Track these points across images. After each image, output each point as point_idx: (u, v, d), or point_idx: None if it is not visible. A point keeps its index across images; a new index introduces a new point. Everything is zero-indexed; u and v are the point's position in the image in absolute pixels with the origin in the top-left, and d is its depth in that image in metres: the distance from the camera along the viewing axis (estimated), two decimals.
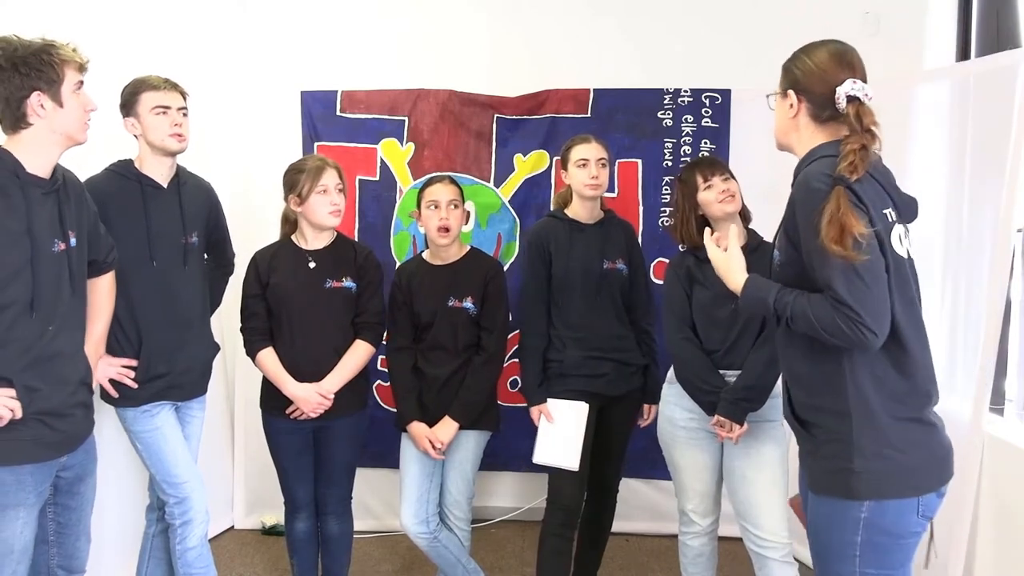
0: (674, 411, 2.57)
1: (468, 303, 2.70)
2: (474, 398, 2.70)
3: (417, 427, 2.68)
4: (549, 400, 2.71)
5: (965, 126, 2.71)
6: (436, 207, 2.68)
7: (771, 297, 1.71)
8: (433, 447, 2.66)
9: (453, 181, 2.77)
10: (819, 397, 1.71)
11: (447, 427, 2.67)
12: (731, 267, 1.86)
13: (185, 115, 2.46)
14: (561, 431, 2.68)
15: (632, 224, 2.98)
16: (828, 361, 1.68)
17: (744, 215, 2.56)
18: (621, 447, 2.83)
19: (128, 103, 2.42)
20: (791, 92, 1.77)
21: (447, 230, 2.68)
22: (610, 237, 2.78)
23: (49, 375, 1.98)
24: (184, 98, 2.47)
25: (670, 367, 2.62)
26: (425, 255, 2.82)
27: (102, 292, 2.30)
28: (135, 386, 2.40)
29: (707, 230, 1.95)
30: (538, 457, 2.71)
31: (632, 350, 2.77)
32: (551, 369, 2.73)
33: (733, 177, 2.52)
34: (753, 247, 2.48)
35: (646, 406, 2.86)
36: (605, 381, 2.70)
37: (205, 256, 2.69)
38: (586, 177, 2.71)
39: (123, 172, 2.44)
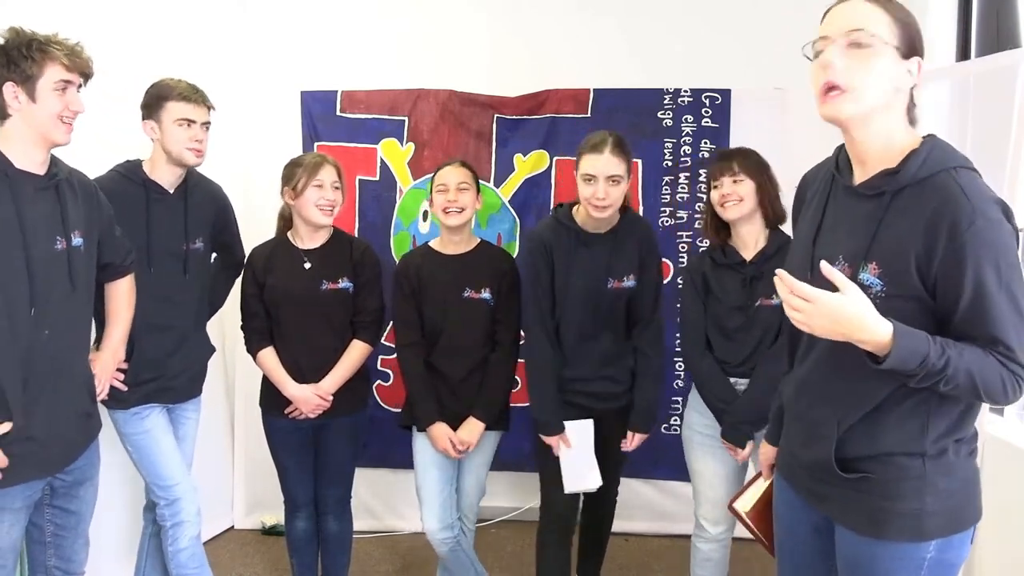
0: (692, 416, 2.54)
1: (486, 294, 2.63)
2: (497, 395, 2.65)
3: (440, 428, 2.60)
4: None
5: (965, 126, 2.71)
6: (445, 190, 2.60)
7: (931, 351, 1.33)
8: (454, 448, 2.60)
9: (464, 165, 2.68)
10: (891, 440, 1.47)
11: (474, 428, 2.61)
12: (861, 315, 1.33)
13: (207, 130, 2.44)
14: (579, 454, 2.56)
15: (649, 229, 2.67)
16: (909, 401, 1.45)
17: (776, 215, 2.40)
18: (617, 454, 2.73)
19: (152, 106, 2.39)
20: (919, 62, 1.40)
21: (460, 210, 2.58)
22: (621, 251, 2.52)
23: (41, 384, 1.94)
24: (210, 112, 2.44)
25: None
26: (434, 244, 2.72)
27: (121, 296, 2.28)
28: (125, 389, 2.38)
29: (778, 271, 1.42)
30: (569, 487, 2.58)
31: (625, 373, 2.60)
32: None
33: (753, 177, 2.36)
34: (771, 252, 2.38)
35: (629, 432, 2.63)
36: (598, 397, 2.59)
37: (214, 255, 2.67)
38: (590, 195, 2.40)
39: (129, 175, 2.41)
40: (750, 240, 2.43)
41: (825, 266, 1.37)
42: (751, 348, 2.40)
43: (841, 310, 1.34)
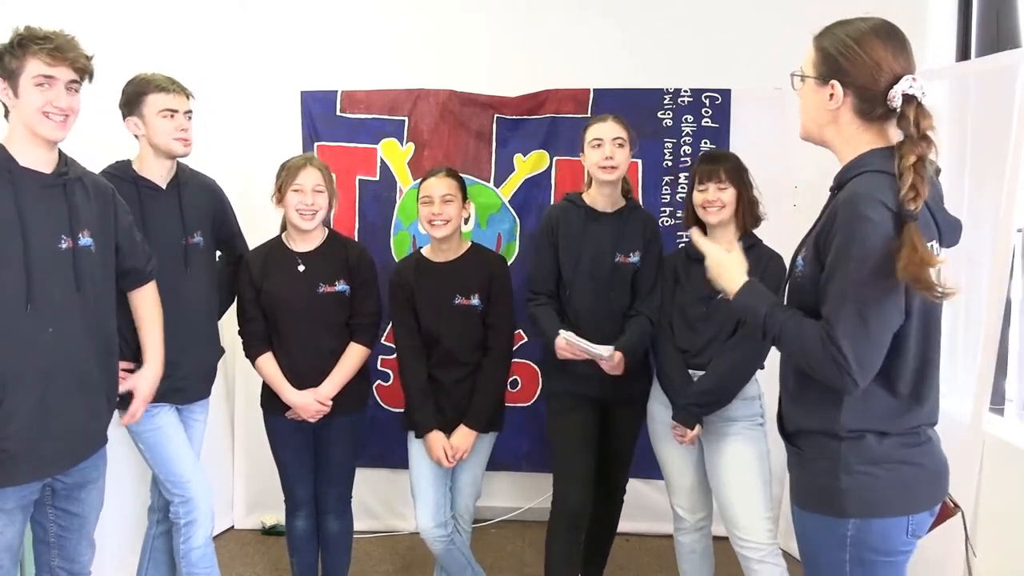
0: (654, 406, 2.60)
1: (476, 300, 2.64)
2: (488, 402, 2.66)
3: (435, 437, 2.61)
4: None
5: (965, 126, 2.71)
6: (429, 202, 2.63)
7: (763, 308, 1.61)
8: (447, 457, 2.61)
9: (451, 174, 2.69)
10: (810, 415, 1.62)
11: (465, 437, 2.63)
12: (729, 266, 1.72)
13: (190, 118, 2.44)
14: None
15: (653, 218, 2.81)
16: (823, 383, 1.56)
17: (748, 221, 2.49)
18: (628, 448, 2.78)
19: (132, 103, 2.39)
20: (835, 84, 1.55)
21: (445, 222, 2.61)
22: (627, 229, 2.66)
23: (40, 383, 1.92)
24: (189, 100, 2.45)
25: None
26: (425, 251, 2.75)
27: (149, 304, 2.27)
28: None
29: (694, 229, 1.88)
30: (595, 352, 2.51)
31: (634, 364, 2.62)
32: (552, 365, 2.66)
33: (735, 185, 2.45)
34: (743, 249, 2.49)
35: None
36: (606, 384, 2.61)
37: (218, 254, 2.67)
38: (599, 157, 2.58)
39: (119, 174, 2.40)
40: (722, 240, 2.49)
41: (694, 233, 1.89)
42: (709, 338, 2.48)
43: (717, 260, 1.75)
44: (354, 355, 2.63)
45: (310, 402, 2.57)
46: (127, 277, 2.20)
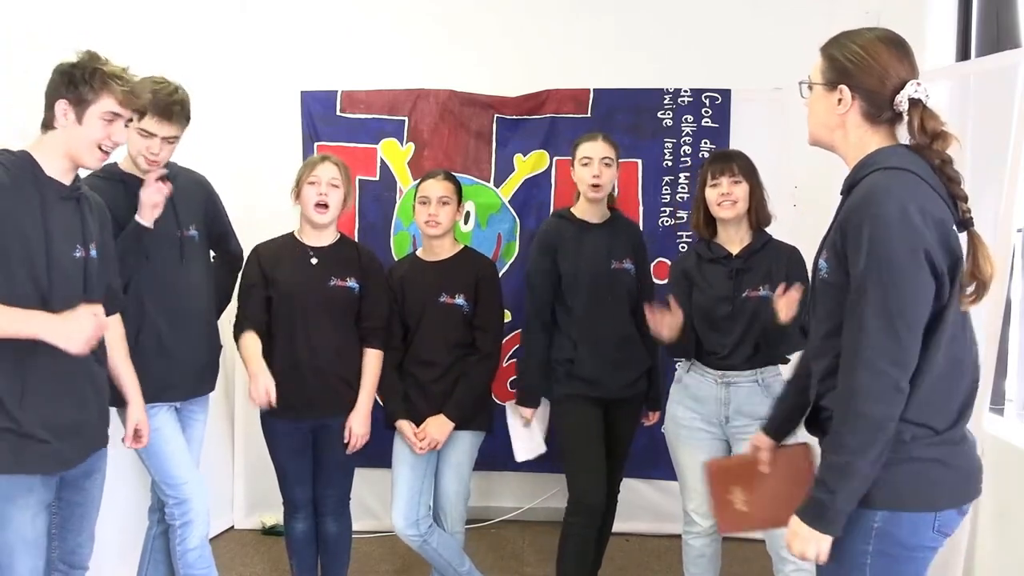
0: (676, 409, 2.57)
1: (460, 300, 2.68)
2: (469, 397, 2.68)
3: (403, 424, 2.67)
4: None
5: (965, 126, 2.70)
6: (426, 203, 2.68)
7: (841, 486, 1.50)
8: (421, 443, 2.64)
9: (448, 177, 2.75)
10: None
11: (442, 425, 2.65)
12: (804, 531, 1.55)
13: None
14: (527, 428, 2.84)
15: (637, 226, 2.98)
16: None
17: (760, 218, 2.50)
18: (624, 449, 2.83)
19: None
20: (843, 88, 1.59)
21: (439, 223, 2.67)
22: (617, 237, 2.78)
23: (63, 382, 1.96)
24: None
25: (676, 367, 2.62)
26: (419, 252, 2.82)
27: (121, 334, 2.27)
28: None
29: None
30: (520, 456, 2.85)
31: (638, 353, 2.75)
32: (561, 370, 2.72)
33: (748, 180, 2.47)
34: (757, 247, 2.50)
35: (649, 412, 2.88)
36: (611, 385, 2.70)
37: (212, 253, 2.67)
38: (588, 176, 2.70)
39: (106, 176, 2.40)
40: (735, 237, 2.52)
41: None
42: (738, 337, 2.45)
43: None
44: (373, 362, 2.66)
45: (271, 388, 2.49)
46: (108, 291, 2.20)
